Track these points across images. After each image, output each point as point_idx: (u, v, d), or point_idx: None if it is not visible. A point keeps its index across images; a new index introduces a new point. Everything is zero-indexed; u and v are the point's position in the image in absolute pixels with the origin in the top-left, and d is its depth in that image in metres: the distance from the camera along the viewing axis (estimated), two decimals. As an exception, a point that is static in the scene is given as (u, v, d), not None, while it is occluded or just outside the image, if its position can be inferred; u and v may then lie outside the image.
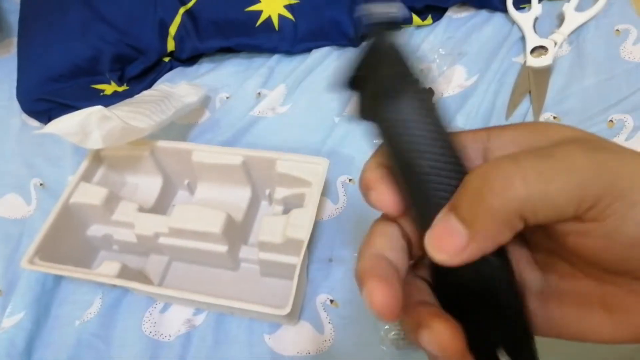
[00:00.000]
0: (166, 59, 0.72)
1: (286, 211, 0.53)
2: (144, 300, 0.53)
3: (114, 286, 0.53)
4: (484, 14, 0.71)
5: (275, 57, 0.72)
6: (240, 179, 0.54)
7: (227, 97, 0.69)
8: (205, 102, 0.68)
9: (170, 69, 0.73)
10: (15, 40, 0.77)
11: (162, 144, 0.54)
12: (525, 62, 0.63)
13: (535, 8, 0.66)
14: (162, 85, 0.65)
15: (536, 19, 0.66)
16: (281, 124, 0.65)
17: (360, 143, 0.61)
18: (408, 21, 0.70)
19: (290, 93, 0.68)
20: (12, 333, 0.51)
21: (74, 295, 0.54)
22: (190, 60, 0.73)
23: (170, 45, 0.70)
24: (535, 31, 0.65)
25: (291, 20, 0.69)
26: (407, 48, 0.20)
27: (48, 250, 0.50)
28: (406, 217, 0.22)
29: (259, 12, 0.69)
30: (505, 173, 0.17)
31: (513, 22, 0.68)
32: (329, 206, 0.57)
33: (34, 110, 0.69)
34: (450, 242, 0.18)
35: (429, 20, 0.70)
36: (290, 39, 0.70)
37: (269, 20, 0.69)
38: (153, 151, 0.55)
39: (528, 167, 0.17)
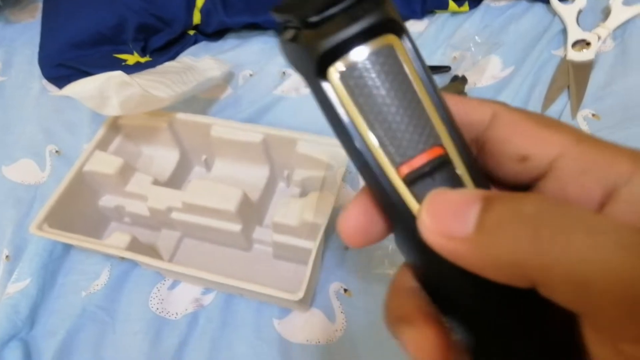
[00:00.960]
0: (191, 32, 0.70)
1: (304, 194, 0.51)
2: (153, 275, 0.51)
3: (123, 259, 0.51)
4: (523, 3, 0.68)
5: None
6: (258, 158, 0.52)
7: (251, 75, 0.67)
8: (228, 78, 0.66)
9: (195, 42, 0.71)
10: (40, 5, 0.76)
11: (181, 116, 0.52)
12: (565, 55, 0.60)
13: (580, 0, 0.63)
14: (185, 58, 0.63)
15: (580, 12, 0.62)
16: (304, 105, 0.63)
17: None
18: (444, 6, 0.67)
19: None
20: (16, 299, 0.49)
21: (82, 265, 0.53)
22: (216, 34, 0.71)
23: (196, 18, 0.68)
24: (578, 24, 0.61)
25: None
26: None
27: (58, 218, 0.48)
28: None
29: (289, -11, 0.66)
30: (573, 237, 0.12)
31: (555, 13, 0.65)
32: (348, 192, 0.55)
33: (54, 76, 0.68)
34: (448, 220, 0.14)
35: (466, 7, 0.67)
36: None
37: (299, -3, 0.66)
38: (171, 123, 0.53)
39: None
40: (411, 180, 0.16)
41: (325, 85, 0.16)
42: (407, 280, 0.18)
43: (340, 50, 0.15)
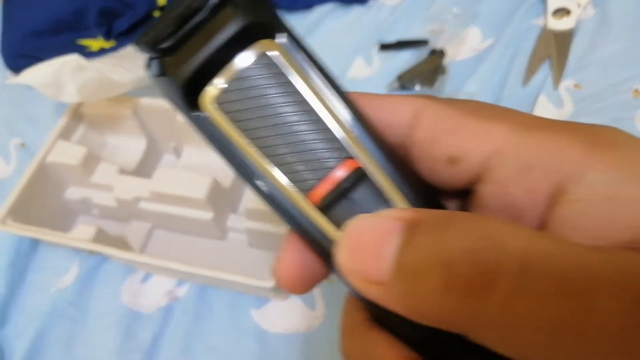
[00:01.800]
0: (157, 14, 0.67)
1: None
2: (124, 269, 0.49)
3: (92, 252, 0.49)
4: (502, -28, 0.65)
5: (274, 13, 0.66)
6: (230, 142, 0.50)
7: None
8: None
9: (162, 25, 0.68)
10: (1, -8, 0.73)
11: (145, 101, 0.50)
12: (545, 24, 0.58)
13: (559, -34, 0.60)
14: (151, 41, 0.60)
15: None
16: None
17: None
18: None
19: (289, 53, 0.63)
20: (-17, 298, 0.47)
21: (50, 261, 0.51)
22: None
23: (162, -1, 0.65)
24: (558, -9, 0.59)
25: (293, -27, 0.64)
26: None
27: (22, 212, 0.46)
28: None
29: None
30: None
31: (534, -19, 0.62)
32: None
33: (16, 67, 0.65)
34: (363, 258, 0.12)
35: (442, -23, 0.65)
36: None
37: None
38: (136, 110, 0.50)
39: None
40: (327, 206, 0.13)
41: (202, 116, 0.13)
42: (359, 315, 0.16)
43: (207, 73, 0.13)
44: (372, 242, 0.11)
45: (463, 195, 0.15)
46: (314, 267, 0.15)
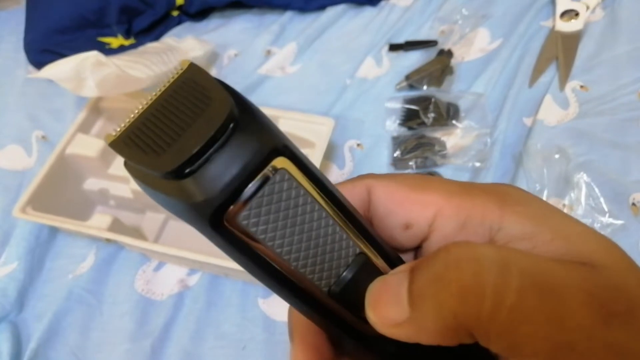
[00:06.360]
0: (175, 13, 0.69)
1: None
2: (138, 257, 0.51)
3: (109, 241, 0.51)
4: (512, -26, 0.66)
5: (288, 14, 0.68)
6: (241, 137, 0.52)
7: (236, 54, 0.66)
8: (212, 59, 0.65)
9: (179, 23, 0.70)
10: (25, -10, 0.75)
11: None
12: (554, 26, 0.59)
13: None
14: (168, 39, 0.62)
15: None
16: (290, 84, 0.62)
17: (371, 107, 0.58)
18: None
19: (302, 52, 0.65)
20: (4, 282, 0.50)
21: (68, 249, 0.53)
22: (200, 14, 0.70)
23: (180, -2, 0.67)
24: (567, -7, 0.60)
25: (306, -25, 0.66)
26: None
27: (42, 201, 0.48)
28: None
29: (273, -35, 0.65)
30: (480, 278, 0.13)
31: (544, -17, 0.63)
32: (334, 171, 0.55)
33: (39, 62, 0.68)
34: (387, 309, 0.14)
35: (453, -21, 0.66)
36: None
37: (283, -27, 0.65)
38: (153, 104, 0.52)
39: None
40: (341, 291, 0.15)
41: (226, 233, 0.13)
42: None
43: (231, 196, 0.13)
44: (389, 292, 0.14)
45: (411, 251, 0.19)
46: (328, 351, 0.17)
